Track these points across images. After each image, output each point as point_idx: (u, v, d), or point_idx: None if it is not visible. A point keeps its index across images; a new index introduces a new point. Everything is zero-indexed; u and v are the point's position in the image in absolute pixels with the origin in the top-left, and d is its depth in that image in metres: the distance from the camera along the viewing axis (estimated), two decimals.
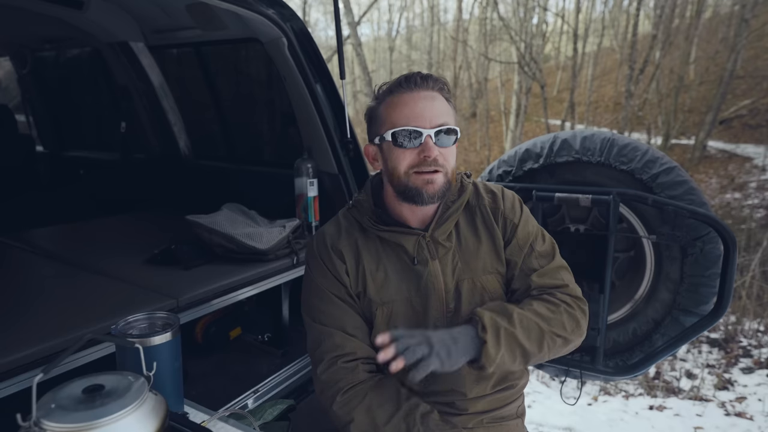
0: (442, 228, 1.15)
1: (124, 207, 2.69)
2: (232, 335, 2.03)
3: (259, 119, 2.53)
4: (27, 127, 3.44)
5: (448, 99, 1.13)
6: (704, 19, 15.22)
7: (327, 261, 1.17)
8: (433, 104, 1.09)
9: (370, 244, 1.17)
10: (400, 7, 22.09)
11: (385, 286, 1.15)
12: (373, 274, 1.16)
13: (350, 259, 1.16)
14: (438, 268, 1.15)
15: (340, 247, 1.17)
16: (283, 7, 1.92)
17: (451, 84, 1.22)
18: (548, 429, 3.07)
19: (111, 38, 2.52)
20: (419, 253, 1.15)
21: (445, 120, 1.09)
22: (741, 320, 4.61)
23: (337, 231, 1.20)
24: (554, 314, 1.11)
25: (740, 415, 3.22)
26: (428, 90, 1.09)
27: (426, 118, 1.07)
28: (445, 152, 1.09)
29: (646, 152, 1.83)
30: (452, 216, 1.16)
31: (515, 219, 1.20)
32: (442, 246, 1.16)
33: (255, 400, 1.68)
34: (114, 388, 0.72)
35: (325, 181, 2.10)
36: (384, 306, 1.15)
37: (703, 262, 1.79)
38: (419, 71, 1.13)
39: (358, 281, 1.16)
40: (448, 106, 1.12)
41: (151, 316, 1.04)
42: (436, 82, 1.11)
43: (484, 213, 1.20)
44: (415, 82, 1.09)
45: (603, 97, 17.31)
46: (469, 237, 1.19)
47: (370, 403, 1.06)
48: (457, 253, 1.17)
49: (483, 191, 1.24)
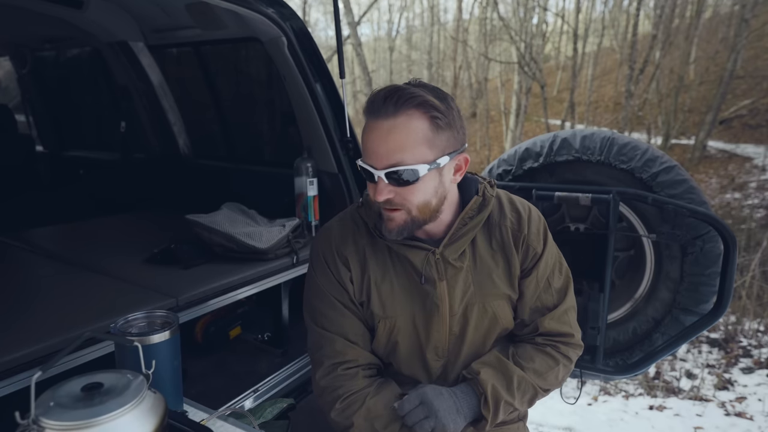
0: (454, 246, 1.08)
1: (124, 207, 2.69)
2: (232, 335, 2.03)
3: (259, 119, 2.53)
4: (27, 127, 3.44)
5: (430, 116, 0.95)
6: (704, 19, 15.22)
7: (331, 265, 1.12)
8: (388, 137, 0.94)
9: (378, 253, 1.11)
10: (400, 7, 22.11)
11: (390, 300, 1.10)
12: (379, 285, 1.10)
13: (356, 267, 1.11)
14: (445, 290, 1.09)
15: (346, 253, 1.11)
16: (283, 6, 1.92)
17: (450, 85, 1.06)
18: (548, 429, 3.07)
19: (111, 38, 2.52)
20: (427, 271, 1.08)
21: (399, 158, 0.94)
22: (741, 320, 4.61)
23: (344, 234, 1.13)
24: (551, 370, 1.12)
25: (740, 415, 3.22)
26: (388, 118, 0.94)
27: (378, 156, 0.95)
28: (404, 192, 0.97)
29: (646, 151, 1.83)
30: (467, 234, 1.08)
31: (538, 248, 1.12)
32: (452, 266, 1.08)
33: (255, 400, 1.67)
34: (113, 386, 0.72)
35: (324, 181, 2.10)
36: (387, 320, 1.11)
37: (703, 261, 1.79)
38: (388, 88, 0.96)
39: (362, 291, 1.11)
40: (416, 133, 0.94)
41: (150, 314, 1.04)
42: (403, 103, 0.93)
43: (504, 234, 1.11)
44: (375, 108, 0.95)
45: (603, 97, 17.31)
46: (485, 257, 1.11)
47: (369, 409, 1.05)
48: (470, 273, 1.10)
49: (508, 209, 1.13)
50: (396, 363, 1.17)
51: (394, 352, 1.15)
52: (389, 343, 1.14)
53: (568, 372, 1.17)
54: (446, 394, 1.06)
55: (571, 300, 1.17)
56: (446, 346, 1.13)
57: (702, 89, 14.35)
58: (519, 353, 1.13)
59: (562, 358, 1.14)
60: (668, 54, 14.00)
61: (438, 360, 1.15)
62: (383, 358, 1.18)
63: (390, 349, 1.15)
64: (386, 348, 1.15)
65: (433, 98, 0.96)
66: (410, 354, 1.15)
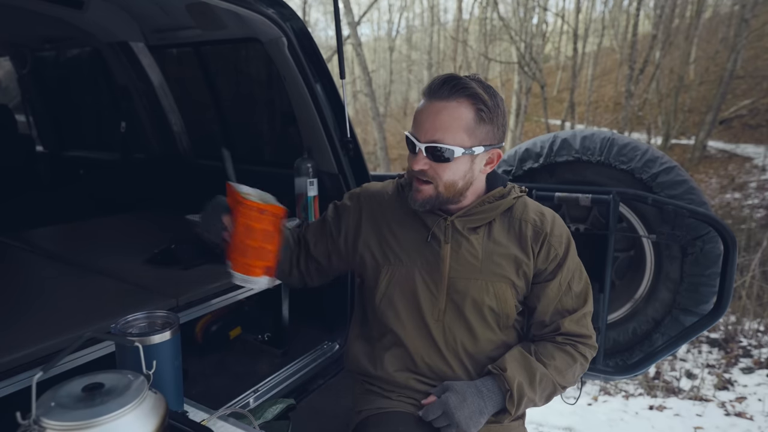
0: (467, 219, 1.15)
1: (124, 207, 2.69)
2: (232, 335, 2.03)
3: (259, 119, 2.53)
4: (27, 127, 3.44)
5: (477, 108, 1.05)
6: (704, 19, 15.22)
7: (346, 206, 1.27)
8: (436, 117, 1.05)
9: (400, 211, 1.21)
10: (400, 7, 22.08)
11: (398, 249, 1.18)
12: (391, 236, 1.19)
13: (368, 219, 1.22)
14: (448, 252, 1.15)
15: (369, 204, 1.24)
16: (283, 6, 1.92)
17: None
18: (548, 429, 3.07)
19: (111, 38, 2.52)
20: (436, 231, 1.16)
21: (440, 137, 1.05)
22: (741, 320, 4.61)
23: (380, 192, 1.26)
24: (570, 368, 1.18)
25: (740, 415, 3.22)
26: (440, 100, 1.05)
27: (423, 130, 1.07)
28: (437, 167, 1.08)
29: (646, 152, 1.84)
30: (482, 213, 1.16)
31: (560, 251, 1.17)
32: (460, 233, 1.15)
33: (255, 400, 1.68)
34: (113, 386, 0.72)
35: (325, 181, 2.10)
36: (390, 267, 1.18)
37: (703, 262, 1.80)
38: (448, 75, 1.07)
39: (360, 241, 1.22)
40: (461, 119, 1.05)
41: (150, 315, 1.04)
42: (457, 91, 1.05)
43: (524, 228, 1.17)
44: (433, 89, 1.07)
45: (603, 97, 17.31)
46: (499, 240, 1.17)
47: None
48: (480, 249, 1.16)
49: (533, 210, 1.20)
50: (397, 326, 1.19)
51: (392, 306, 1.19)
52: (386, 294, 1.19)
53: (583, 371, 1.22)
54: (470, 398, 1.10)
55: (590, 305, 1.22)
56: (443, 307, 1.17)
57: (702, 89, 14.35)
58: (540, 351, 1.18)
59: (579, 357, 1.19)
60: (668, 54, 14.00)
61: (437, 323, 1.17)
62: (383, 317, 1.21)
63: (387, 303, 1.19)
64: (383, 299, 1.19)
65: (484, 93, 1.06)
66: (408, 310, 1.18)
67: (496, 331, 1.19)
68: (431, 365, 1.19)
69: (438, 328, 1.18)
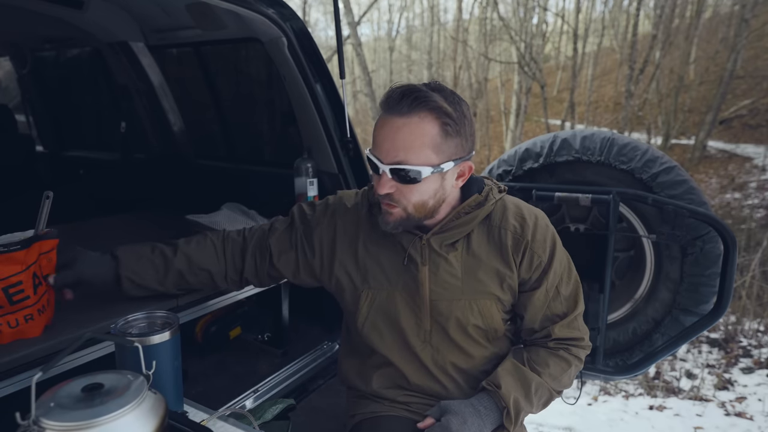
0: (443, 236, 1.08)
1: (124, 207, 2.68)
2: (232, 335, 2.03)
3: (259, 119, 2.53)
4: (27, 127, 3.43)
5: (442, 122, 0.96)
6: (704, 19, 15.22)
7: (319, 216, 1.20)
8: (397, 135, 0.96)
9: (374, 231, 1.14)
10: (400, 7, 22.09)
11: (376, 273, 1.13)
12: (367, 258, 1.13)
13: (342, 239, 1.16)
14: (426, 275, 1.10)
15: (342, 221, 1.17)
16: (283, 6, 1.92)
17: (450, 85, 1.08)
18: (548, 429, 3.07)
19: (111, 38, 2.52)
20: (412, 252, 1.10)
21: (404, 157, 0.95)
22: (741, 320, 4.61)
23: (353, 206, 1.19)
24: (565, 372, 1.15)
25: (740, 415, 3.22)
26: (401, 115, 0.95)
27: (384, 150, 0.97)
28: (404, 189, 0.99)
29: (646, 152, 1.83)
30: (458, 228, 1.08)
31: (544, 257, 1.10)
32: (437, 254, 1.09)
33: (255, 400, 1.67)
34: (113, 386, 0.72)
35: (325, 181, 2.10)
36: (370, 291, 1.13)
37: (703, 262, 1.80)
38: (406, 87, 0.98)
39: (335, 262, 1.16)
40: (425, 136, 0.95)
41: (150, 315, 1.04)
42: (418, 105, 0.95)
43: (503, 237, 1.09)
44: (391, 103, 0.97)
45: (603, 97, 17.31)
46: (479, 255, 1.10)
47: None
48: (459, 267, 1.10)
49: (512, 214, 1.11)
50: (383, 348, 1.16)
51: (376, 329, 1.15)
52: (369, 318, 1.15)
53: (578, 370, 1.20)
54: (470, 418, 1.06)
55: (581, 306, 1.17)
56: (429, 329, 1.13)
57: (702, 89, 14.35)
58: (533, 359, 1.14)
59: (573, 359, 1.16)
60: (668, 54, 14.00)
61: (424, 344, 1.14)
62: (367, 340, 1.18)
63: (370, 327, 1.16)
64: (366, 323, 1.16)
65: (447, 105, 0.97)
66: (393, 334, 1.15)
67: (486, 346, 1.16)
68: (422, 385, 1.17)
69: (425, 350, 1.15)
